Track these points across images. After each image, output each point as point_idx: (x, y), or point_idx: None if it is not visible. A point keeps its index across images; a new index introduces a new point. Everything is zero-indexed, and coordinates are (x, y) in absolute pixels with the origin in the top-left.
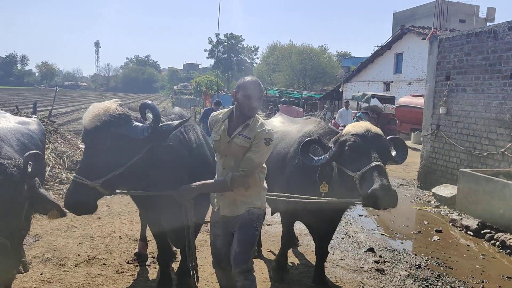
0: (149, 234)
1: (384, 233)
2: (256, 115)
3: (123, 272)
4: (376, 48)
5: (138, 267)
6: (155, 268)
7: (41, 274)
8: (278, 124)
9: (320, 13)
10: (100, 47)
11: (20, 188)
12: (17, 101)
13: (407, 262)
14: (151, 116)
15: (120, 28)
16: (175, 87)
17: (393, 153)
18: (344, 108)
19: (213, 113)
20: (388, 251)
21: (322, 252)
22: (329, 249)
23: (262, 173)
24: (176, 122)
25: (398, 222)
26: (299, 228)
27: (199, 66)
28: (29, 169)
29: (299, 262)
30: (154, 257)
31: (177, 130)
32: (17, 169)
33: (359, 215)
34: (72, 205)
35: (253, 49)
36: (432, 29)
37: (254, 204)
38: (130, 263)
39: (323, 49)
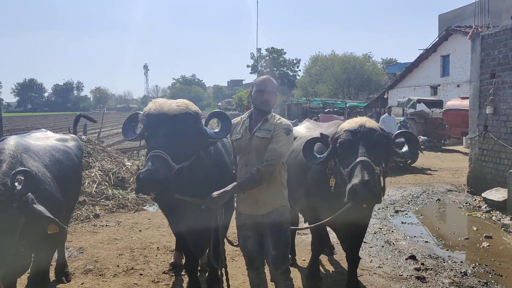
0: None
1: (428, 241)
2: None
3: (159, 281)
4: (421, 52)
5: (174, 277)
6: None
7: (82, 284)
8: (303, 130)
9: (363, 22)
10: (148, 69)
11: (5, 206)
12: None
13: (451, 270)
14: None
15: (166, 50)
16: (219, 103)
17: (404, 148)
18: (386, 114)
19: (233, 120)
20: (431, 259)
21: (352, 259)
22: (367, 256)
23: (283, 170)
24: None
25: (444, 229)
26: (336, 236)
27: (243, 82)
28: (19, 187)
29: (334, 270)
30: None
31: None
32: (3, 187)
33: (402, 223)
34: (159, 180)
35: (295, 61)
36: (474, 26)
37: (278, 202)
38: (166, 273)
39: (367, 57)
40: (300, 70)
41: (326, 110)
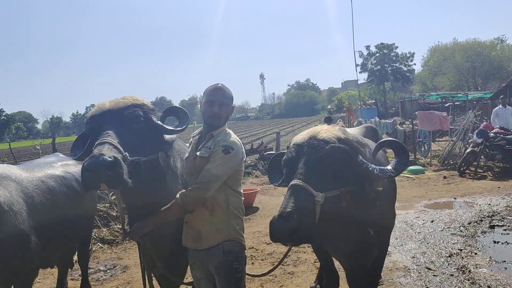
0: None
1: None
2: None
3: None
4: None
5: None
6: None
7: None
8: None
9: (489, 3)
10: (264, 78)
11: None
12: None
13: None
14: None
15: (280, 58)
16: (328, 106)
17: (389, 166)
18: (500, 106)
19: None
20: None
21: None
22: None
23: (232, 196)
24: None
25: None
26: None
27: (359, 82)
28: None
29: None
30: None
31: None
32: None
33: (494, 242)
34: (107, 164)
35: (408, 55)
36: None
37: (223, 235)
38: None
39: (499, 40)
40: (414, 64)
41: (446, 105)
